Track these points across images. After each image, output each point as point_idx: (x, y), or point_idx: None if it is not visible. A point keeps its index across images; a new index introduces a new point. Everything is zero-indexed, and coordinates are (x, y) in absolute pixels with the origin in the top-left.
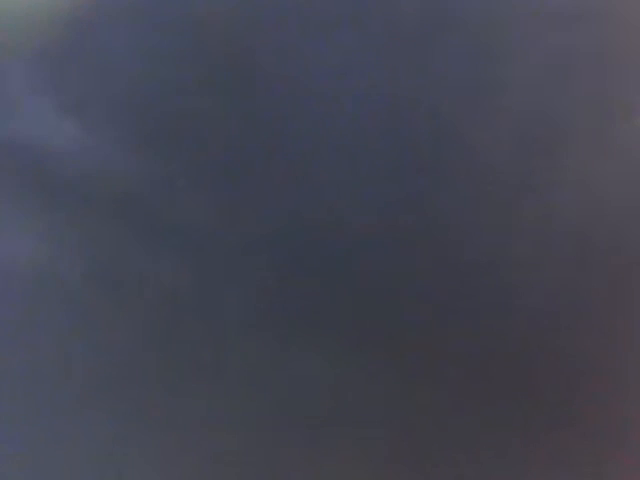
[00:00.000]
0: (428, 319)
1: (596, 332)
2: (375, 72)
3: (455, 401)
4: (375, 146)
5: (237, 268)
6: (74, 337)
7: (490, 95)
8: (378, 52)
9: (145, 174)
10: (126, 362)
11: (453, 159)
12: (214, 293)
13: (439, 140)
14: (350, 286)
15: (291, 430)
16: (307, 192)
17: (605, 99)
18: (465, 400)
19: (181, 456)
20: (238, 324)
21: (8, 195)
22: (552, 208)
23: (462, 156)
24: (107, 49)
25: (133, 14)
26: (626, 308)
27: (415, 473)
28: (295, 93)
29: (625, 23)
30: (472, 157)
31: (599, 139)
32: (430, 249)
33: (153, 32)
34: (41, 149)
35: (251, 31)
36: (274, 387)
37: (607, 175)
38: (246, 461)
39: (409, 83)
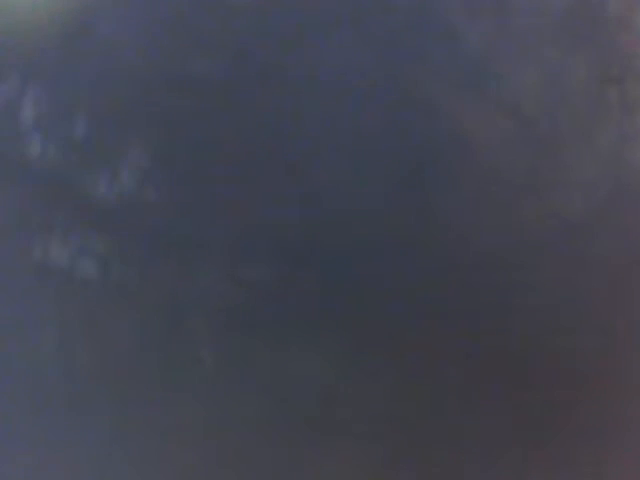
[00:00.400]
0: (428, 319)
1: (597, 332)
2: (375, 72)
3: (455, 402)
4: (376, 146)
5: (237, 268)
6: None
7: (490, 92)
8: (379, 51)
9: (143, 174)
10: (125, 362)
11: (453, 158)
12: (215, 294)
13: (440, 139)
14: (350, 286)
15: (291, 431)
16: (306, 192)
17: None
18: (466, 401)
19: (181, 458)
20: (238, 325)
21: None
22: (553, 208)
23: (463, 155)
24: (106, 46)
25: (130, 11)
26: (627, 308)
27: (415, 474)
28: (295, 92)
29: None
30: (473, 156)
31: (597, 139)
32: (430, 249)
33: (151, 32)
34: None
35: (251, 29)
36: (275, 389)
37: (606, 175)
38: (246, 463)
39: (410, 82)
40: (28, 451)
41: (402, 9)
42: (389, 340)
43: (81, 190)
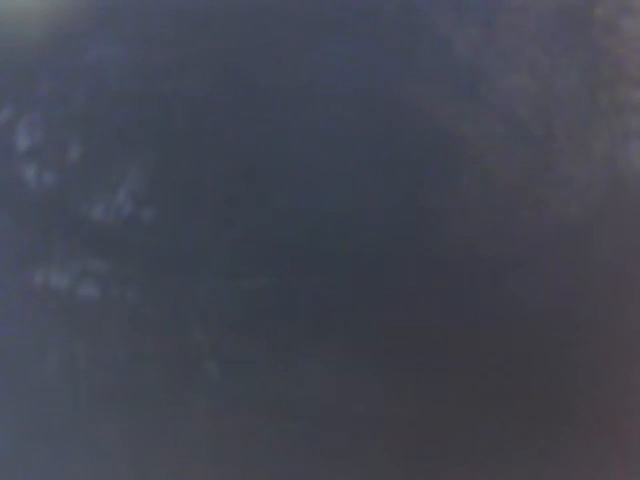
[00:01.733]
0: (428, 323)
1: (597, 333)
2: (367, 81)
3: (456, 405)
4: (370, 153)
5: (238, 282)
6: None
7: (482, 96)
8: (370, 59)
9: (142, 177)
10: (129, 381)
11: (447, 162)
12: (216, 309)
13: (435, 144)
14: (350, 292)
15: (294, 439)
16: (303, 201)
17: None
18: (467, 405)
19: (187, 472)
20: (242, 339)
21: None
22: (547, 211)
23: (456, 159)
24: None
25: (120, 32)
26: (626, 309)
27: (416, 475)
28: (287, 105)
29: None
30: (467, 160)
31: (594, 138)
32: (429, 254)
33: (141, 52)
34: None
35: (241, 44)
36: (279, 399)
37: (599, 178)
38: (253, 474)
39: (402, 88)
40: (33, 472)
41: (393, 15)
42: (391, 345)
43: (79, 212)
